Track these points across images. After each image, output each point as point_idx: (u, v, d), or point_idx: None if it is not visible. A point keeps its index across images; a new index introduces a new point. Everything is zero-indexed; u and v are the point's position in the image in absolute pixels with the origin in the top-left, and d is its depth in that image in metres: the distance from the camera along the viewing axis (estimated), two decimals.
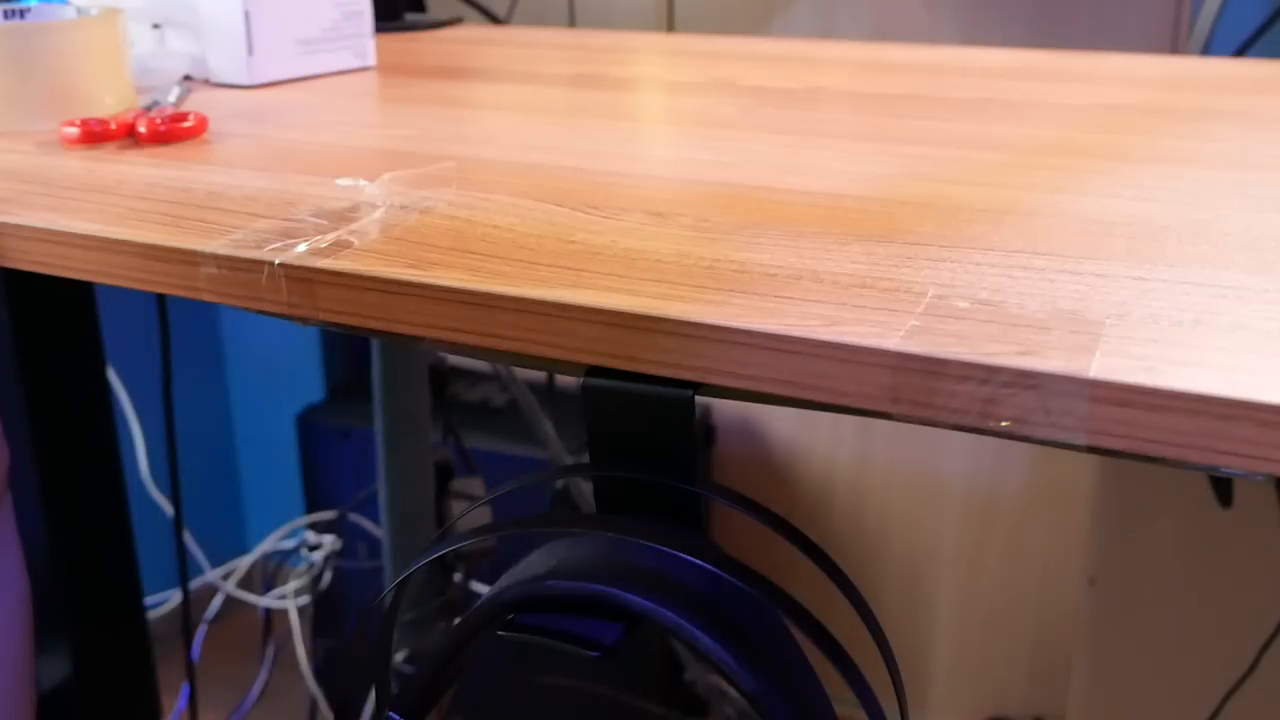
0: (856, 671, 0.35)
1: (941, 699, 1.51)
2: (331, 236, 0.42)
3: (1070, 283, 0.37)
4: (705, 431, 1.60)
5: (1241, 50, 1.10)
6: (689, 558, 0.35)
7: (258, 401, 1.88)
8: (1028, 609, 1.44)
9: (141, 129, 0.58)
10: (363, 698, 0.42)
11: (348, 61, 0.79)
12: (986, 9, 1.29)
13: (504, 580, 0.38)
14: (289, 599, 1.78)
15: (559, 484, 1.36)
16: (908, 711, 0.38)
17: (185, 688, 1.27)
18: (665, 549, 0.36)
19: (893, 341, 0.32)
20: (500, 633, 0.37)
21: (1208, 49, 1.07)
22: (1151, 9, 1.23)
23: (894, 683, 0.38)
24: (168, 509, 1.60)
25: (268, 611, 1.77)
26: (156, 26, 0.76)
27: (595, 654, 0.35)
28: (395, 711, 0.40)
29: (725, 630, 0.35)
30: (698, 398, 0.35)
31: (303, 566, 1.78)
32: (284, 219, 0.45)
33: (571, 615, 0.36)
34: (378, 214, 0.45)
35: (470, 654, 0.39)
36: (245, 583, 1.84)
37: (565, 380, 1.44)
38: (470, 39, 0.96)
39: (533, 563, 0.38)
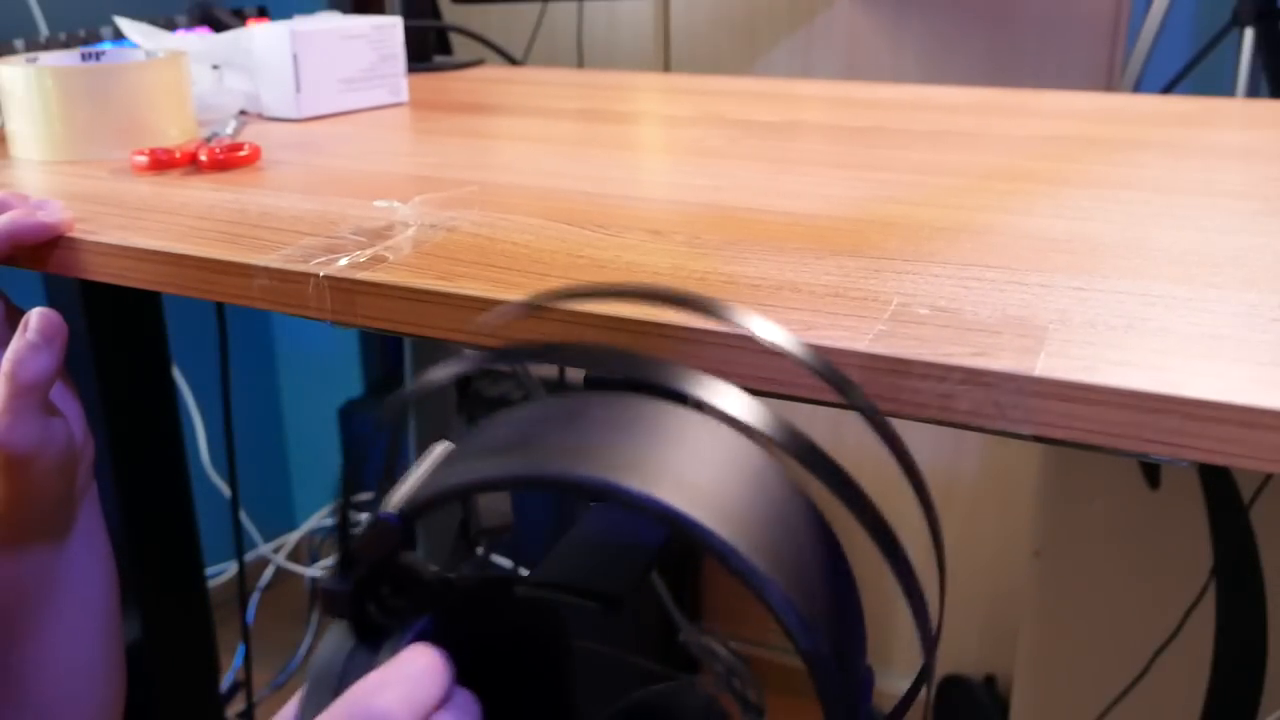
0: (900, 551, 0.29)
1: (904, 659, 1.51)
2: (369, 252, 0.42)
3: (1018, 292, 0.37)
4: None
5: (1169, 88, 1.10)
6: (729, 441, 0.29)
7: (304, 396, 1.88)
8: (981, 579, 1.44)
9: (202, 157, 0.58)
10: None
11: (383, 98, 0.79)
12: (944, 52, 1.29)
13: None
14: None
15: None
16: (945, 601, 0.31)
17: (241, 648, 1.27)
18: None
19: (862, 344, 0.32)
20: (518, 589, 0.35)
21: (1139, 86, 1.07)
22: (1089, 51, 1.23)
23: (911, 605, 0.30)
24: (225, 490, 1.59)
25: (313, 581, 1.76)
26: (216, 67, 0.76)
27: (606, 608, 0.33)
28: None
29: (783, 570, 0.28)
30: None
31: None
32: (327, 236, 0.45)
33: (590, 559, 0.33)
34: (410, 232, 0.45)
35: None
36: (294, 555, 1.84)
37: (575, 375, 1.43)
38: (491, 78, 0.96)
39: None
